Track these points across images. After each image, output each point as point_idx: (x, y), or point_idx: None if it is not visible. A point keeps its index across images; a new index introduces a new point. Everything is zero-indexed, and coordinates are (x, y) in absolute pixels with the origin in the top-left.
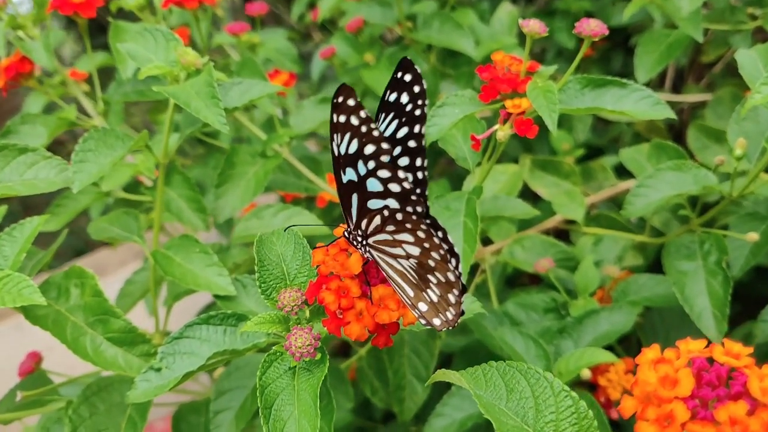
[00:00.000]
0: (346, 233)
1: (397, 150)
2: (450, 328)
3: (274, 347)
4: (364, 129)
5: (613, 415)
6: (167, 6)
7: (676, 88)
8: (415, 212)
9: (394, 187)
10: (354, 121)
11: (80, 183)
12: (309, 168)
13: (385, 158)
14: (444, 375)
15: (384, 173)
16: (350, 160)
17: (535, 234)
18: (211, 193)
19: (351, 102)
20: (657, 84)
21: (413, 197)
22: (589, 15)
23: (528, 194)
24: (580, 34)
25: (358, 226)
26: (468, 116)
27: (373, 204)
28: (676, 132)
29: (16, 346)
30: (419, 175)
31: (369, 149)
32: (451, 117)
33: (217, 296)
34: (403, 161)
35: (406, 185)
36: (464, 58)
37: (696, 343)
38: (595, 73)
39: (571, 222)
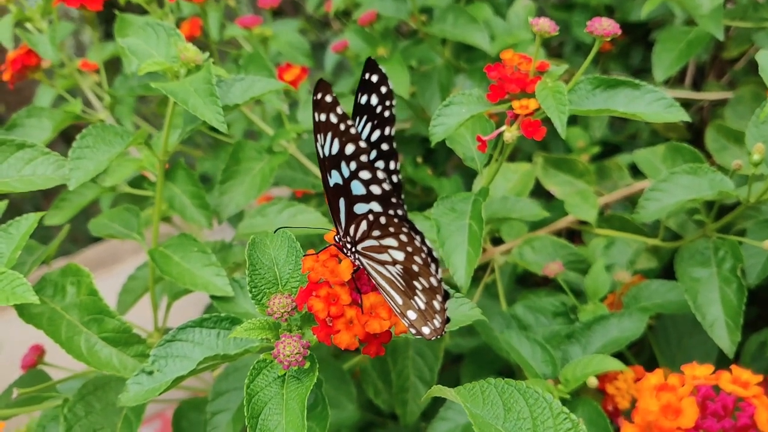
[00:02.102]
0: (336, 238)
1: (373, 154)
2: (438, 336)
3: (262, 355)
4: (342, 127)
5: (620, 424)
6: None
7: (697, 85)
8: (396, 215)
9: (375, 189)
10: (333, 119)
11: (76, 180)
12: (317, 164)
13: (364, 158)
14: (440, 391)
15: (365, 174)
16: (334, 162)
17: (545, 235)
18: (216, 189)
19: (328, 98)
20: (677, 80)
21: (393, 200)
22: (609, 9)
23: (541, 192)
24: (592, 33)
25: (347, 232)
26: (476, 116)
27: (359, 209)
28: (695, 131)
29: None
30: (393, 178)
31: (349, 149)
32: (457, 116)
33: (214, 297)
34: (379, 165)
35: (386, 186)
36: (479, 52)
37: (702, 369)
38: (613, 68)
39: (584, 222)
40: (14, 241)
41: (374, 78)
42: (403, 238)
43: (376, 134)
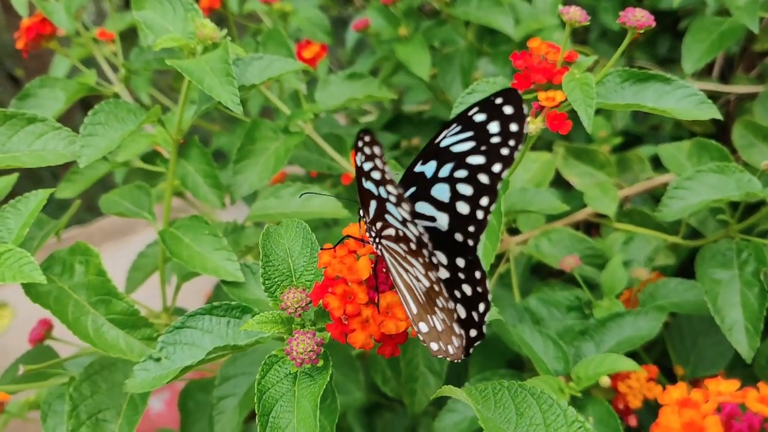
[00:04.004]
0: (361, 213)
1: (463, 173)
2: (455, 360)
3: (274, 350)
4: (377, 176)
5: (631, 423)
6: None
7: (724, 77)
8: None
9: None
10: (374, 166)
11: (87, 158)
12: (333, 146)
13: (405, 209)
14: (450, 391)
15: (398, 215)
16: (371, 179)
17: (563, 227)
18: (229, 168)
19: (376, 150)
20: (704, 71)
21: (424, 250)
22: None
23: (560, 182)
24: (625, 24)
25: (373, 223)
26: None
27: (390, 219)
28: (720, 125)
29: None
30: (479, 214)
31: (388, 190)
32: None
33: (224, 282)
34: (465, 190)
35: (413, 238)
36: (503, 36)
37: (727, 384)
38: (639, 57)
39: (603, 215)
40: (23, 217)
41: (507, 109)
42: (432, 276)
43: (477, 159)
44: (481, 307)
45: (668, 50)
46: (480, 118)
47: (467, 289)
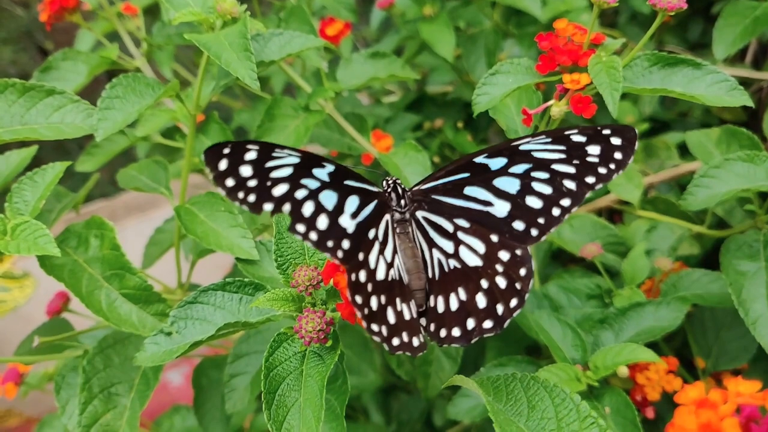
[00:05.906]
0: None
1: (544, 175)
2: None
3: (283, 328)
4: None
5: (648, 415)
6: None
7: (758, 63)
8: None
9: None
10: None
11: (104, 131)
12: (354, 125)
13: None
14: (462, 381)
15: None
16: None
17: (585, 214)
18: None
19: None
20: (737, 57)
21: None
22: None
23: None
24: (655, 6)
25: None
26: (523, 86)
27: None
28: (752, 112)
29: None
30: (555, 211)
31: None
32: (503, 87)
33: (238, 259)
34: (544, 189)
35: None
36: (529, 17)
37: (747, 385)
38: (669, 41)
39: (626, 202)
40: (39, 189)
41: (616, 140)
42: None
43: (565, 168)
44: (513, 302)
45: (700, 35)
46: (579, 139)
47: (501, 282)
